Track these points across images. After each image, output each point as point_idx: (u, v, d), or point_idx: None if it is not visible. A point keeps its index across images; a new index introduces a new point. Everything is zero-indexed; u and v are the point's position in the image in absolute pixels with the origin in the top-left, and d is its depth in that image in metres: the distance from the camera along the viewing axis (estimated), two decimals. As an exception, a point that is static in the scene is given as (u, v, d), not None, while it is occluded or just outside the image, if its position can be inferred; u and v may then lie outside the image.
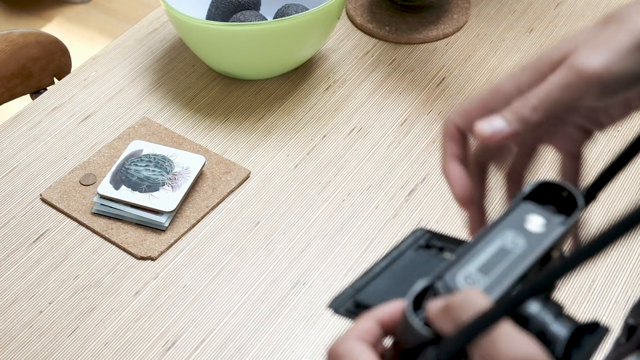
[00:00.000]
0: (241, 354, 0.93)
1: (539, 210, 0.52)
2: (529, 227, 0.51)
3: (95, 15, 2.78)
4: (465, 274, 0.48)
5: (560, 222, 0.52)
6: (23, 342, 0.94)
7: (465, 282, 0.48)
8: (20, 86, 1.33)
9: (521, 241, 0.50)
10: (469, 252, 0.50)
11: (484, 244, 0.50)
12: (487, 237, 0.51)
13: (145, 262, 1.02)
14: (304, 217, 1.06)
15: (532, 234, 0.51)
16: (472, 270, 0.49)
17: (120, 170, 1.08)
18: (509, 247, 0.50)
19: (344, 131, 1.17)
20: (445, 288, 0.48)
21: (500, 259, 0.49)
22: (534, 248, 0.50)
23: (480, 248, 0.50)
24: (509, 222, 0.52)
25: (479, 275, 0.48)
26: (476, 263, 0.49)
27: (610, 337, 0.93)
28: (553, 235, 0.51)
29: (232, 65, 1.21)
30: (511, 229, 0.51)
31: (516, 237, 0.51)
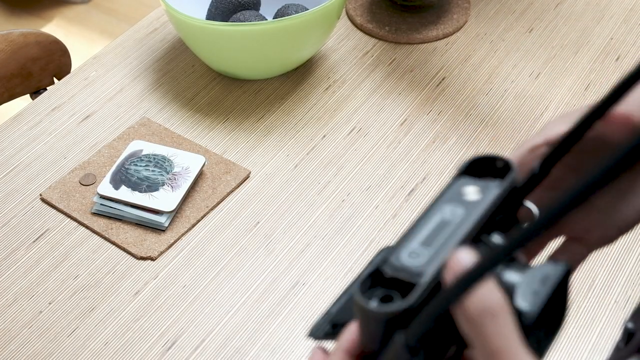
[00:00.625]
0: (241, 354, 0.93)
1: (475, 181, 0.54)
2: (466, 198, 0.53)
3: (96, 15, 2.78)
4: (409, 250, 0.49)
5: (496, 185, 0.53)
6: (23, 342, 0.94)
7: (410, 257, 0.49)
8: (20, 86, 1.33)
9: (459, 211, 0.52)
10: (411, 232, 0.51)
11: (424, 222, 0.51)
12: (427, 215, 0.52)
13: (145, 262, 1.02)
14: (304, 217, 1.06)
15: (469, 202, 0.52)
16: (414, 245, 0.50)
17: (120, 170, 1.08)
18: (449, 218, 0.51)
19: (344, 131, 1.17)
20: (391, 268, 0.49)
21: (440, 230, 0.50)
22: (471, 213, 0.51)
23: (420, 226, 0.51)
24: (447, 197, 0.53)
25: (421, 249, 0.49)
26: (418, 239, 0.50)
27: (610, 341, 0.93)
28: (489, 198, 0.52)
29: (232, 65, 1.21)
30: (449, 203, 0.52)
31: (455, 209, 0.52)
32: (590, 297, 0.96)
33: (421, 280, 0.48)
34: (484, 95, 1.22)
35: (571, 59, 1.28)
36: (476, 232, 0.51)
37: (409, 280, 0.48)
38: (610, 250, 1.01)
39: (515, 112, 1.19)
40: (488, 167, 0.55)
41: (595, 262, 1.00)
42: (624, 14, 1.35)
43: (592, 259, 1.00)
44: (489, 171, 0.55)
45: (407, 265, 0.49)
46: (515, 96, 1.22)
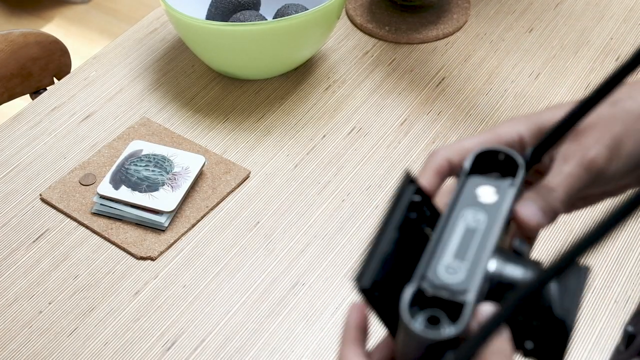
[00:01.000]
0: (241, 354, 0.93)
1: (486, 180, 0.54)
2: (483, 200, 0.53)
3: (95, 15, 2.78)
4: (445, 265, 0.49)
5: (509, 184, 0.54)
6: (23, 342, 0.94)
7: (447, 273, 0.49)
8: (20, 86, 1.33)
9: (482, 216, 0.52)
10: (439, 242, 0.51)
11: (449, 231, 0.51)
12: (450, 222, 0.52)
13: (145, 262, 1.02)
14: (304, 217, 1.06)
15: (488, 205, 0.52)
16: (449, 259, 0.49)
17: (120, 170, 1.08)
18: (473, 225, 0.51)
19: (344, 131, 1.17)
20: (432, 287, 0.48)
21: (469, 240, 0.50)
22: (495, 218, 0.51)
23: (447, 235, 0.51)
24: (463, 201, 0.53)
25: (457, 262, 0.49)
26: (450, 251, 0.50)
27: (610, 341, 0.93)
28: (508, 199, 0.53)
29: (232, 65, 1.21)
30: (468, 208, 0.52)
31: (476, 214, 0.52)
32: (590, 297, 0.96)
33: (467, 298, 0.47)
34: (483, 95, 1.22)
35: (571, 59, 1.28)
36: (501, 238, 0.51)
37: (453, 299, 0.48)
38: (610, 250, 1.01)
39: (515, 112, 1.19)
40: (490, 161, 0.55)
41: (595, 262, 1.00)
42: (623, 14, 1.35)
43: (592, 258, 1.00)
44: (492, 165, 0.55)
45: (448, 283, 0.48)
46: (515, 96, 1.22)
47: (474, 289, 0.48)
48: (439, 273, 0.49)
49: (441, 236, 0.51)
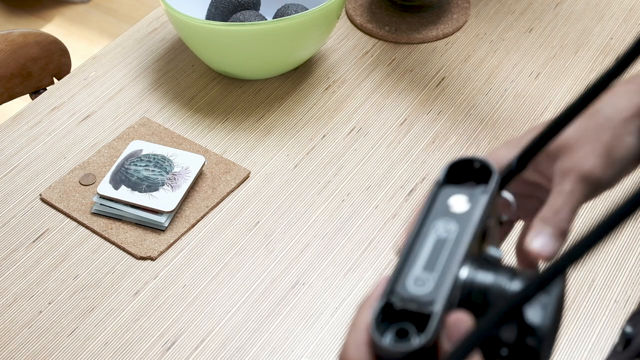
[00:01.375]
0: (241, 354, 0.93)
1: (459, 189, 0.53)
2: (454, 210, 0.52)
3: (95, 15, 2.78)
4: (414, 278, 0.49)
5: (482, 191, 0.53)
6: (23, 342, 0.94)
7: (416, 285, 0.48)
8: (19, 86, 1.33)
9: (453, 226, 0.51)
10: (409, 255, 0.50)
11: (420, 243, 0.51)
12: (421, 234, 0.51)
13: (144, 262, 1.02)
14: (304, 217, 1.06)
15: (459, 214, 0.52)
16: (418, 272, 0.49)
17: (120, 170, 1.08)
18: (444, 235, 0.51)
19: (344, 131, 1.17)
20: (400, 300, 0.48)
21: (439, 250, 0.50)
22: (466, 226, 0.51)
23: (418, 248, 0.50)
24: (435, 212, 0.52)
25: (426, 274, 0.49)
26: (419, 264, 0.49)
27: (610, 341, 0.93)
28: (480, 206, 0.52)
29: (232, 65, 1.21)
30: (439, 219, 0.52)
31: (447, 224, 0.51)
32: (590, 297, 0.96)
33: (434, 309, 0.47)
34: (483, 95, 1.22)
35: (571, 59, 1.28)
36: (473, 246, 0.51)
37: (421, 310, 0.47)
38: (610, 250, 1.01)
39: (515, 112, 1.19)
40: (466, 171, 0.55)
41: (595, 261, 1.00)
42: (623, 14, 1.35)
43: (592, 258, 1.00)
44: (468, 174, 0.55)
45: (416, 295, 0.48)
46: (515, 96, 1.22)
47: (442, 299, 0.47)
48: (407, 286, 0.48)
49: (411, 249, 0.50)
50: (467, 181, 0.55)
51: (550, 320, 0.48)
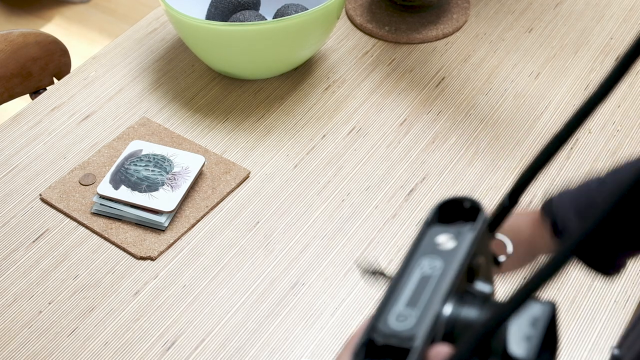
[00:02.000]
0: (241, 354, 0.93)
1: (447, 229, 0.53)
2: (441, 248, 0.52)
3: (95, 15, 2.78)
4: (396, 314, 0.49)
5: (469, 229, 0.53)
6: (23, 342, 0.94)
7: (398, 321, 0.48)
8: (19, 86, 1.33)
9: (438, 263, 0.51)
10: (393, 293, 0.50)
11: (404, 281, 0.50)
12: (406, 273, 0.51)
13: (144, 262, 1.02)
14: (304, 217, 1.06)
15: (445, 252, 0.51)
16: (400, 308, 0.49)
17: (120, 170, 1.08)
18: (428, 272, 0.50)
19: (344, 131, 1.17)
20: (382, 336, 0.48)
21: (423, 287, 0.50)
22: (451, 263, 0.51)
23: (402, 285, 0.50)
24: (422, 250, 0.52)
25: (408, 310, 0.49)
26: (403, 300, 0.49)
27: (610, 341, 0.93)
28: (465, 244, 0.52)
29: (232, 65, 1.21)
30: (425, 256, 0.51)
31: (432, 261, 0.51)
32: (590, 297, 0.96)
33: (414, 344, 0.47)
34: (483, 95, 1.22)
35: (571, 59, 1.28)
36: (459, 282, 0.50)
37: (401, 345, 0.47)
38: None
39: (515, 112, 1.19)
40: (456, 210, 0.55)
41: (595, 262, 1.00)
42: (623, 14, 1.35)
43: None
44: (458, 213, 0.55)
45: (397, 330, 0.48)
46: (515, 96, 1.22)
47: (422, 334, 0.47)
48: (389, 322, 0.48)
49: (396, 286, 0.50)
50: (457, 220, 0.55)
51: (534, 353, 0.48)
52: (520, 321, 0.48)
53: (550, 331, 0.50)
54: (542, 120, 1.18)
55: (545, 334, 0.49)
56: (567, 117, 0.54)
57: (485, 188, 1.09)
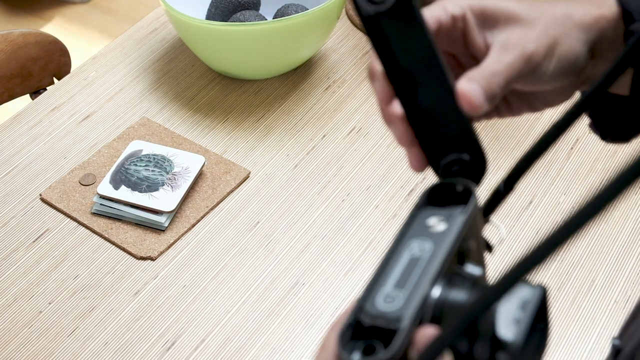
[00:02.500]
0: (241, 354, 0.93)
1: (438, 211, 0.53)
2: (432, 230, 0.52)
3: (95, 15, 2.78)
4: (384, 294, 0.48)
5: (460, 211, 0.53)
6: (23, 342, 0.94)
7: (385, 302, 0.48)
8: (19, 86, 1.33)
9: (427, 245, 0.51)
10: (382, 274, 0.50)
11: (393, 262, 0.50)
12: (395, 254, 0.51)
13: (144, 262, 1.02)
14: (304, 217, 1.06)
15: (436, 234, 0.51)
16: (388, 289, 0.49)
17: (120, 170, 1.08)
18: (418, 254, 0.50)
19: (344, 131, 1.17)
20: (369, 317, 0.48)
21: (412, 269, 0.49)
22: (441, 245, 0.50)
23: (391, 266, 0.50)
24: (412, 232, 0.52)
25: (396, 291, 0.48)
26: (391, 281, 0.49)
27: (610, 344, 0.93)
28: (456, 226, 0.52)
29: (232, 65, 1.21)
30: (415, 238, 0.51)
31: (422, 243, 0.51)
32: (590, 297, 0.96)
33: (401, 325, 0.47)
34: (483, 95, 1.22)
35: (571, 59, 1.27)
36: (448, 264, 0.50)
37: (388, 326, 0.47)
38: (610, 250, 1.01)
39: (515, 112, 1.19)
40: (449, 194, 0.54)
41: (595, 261, 1.00)
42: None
43: (592, 258, 1.00)
44: (450, 197, 0.54)
45: (384, 311, 0.47)
46: (515, 96, 1.22)
47: (410, 315, 0.47)
48: (376, 303, 0.48)
49: (385, 268, 0.50)
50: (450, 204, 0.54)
51: (523, 336, 0.47)
52: (509, 304, 0.48)
53: (541, 315, 0.50)
54: (542, 121, 1.18)
55: (535, 317, 0.48)
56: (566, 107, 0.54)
57: (485, 188, 1.09)
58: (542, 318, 0.50)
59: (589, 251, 1.01)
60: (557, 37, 0.57)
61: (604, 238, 1.02)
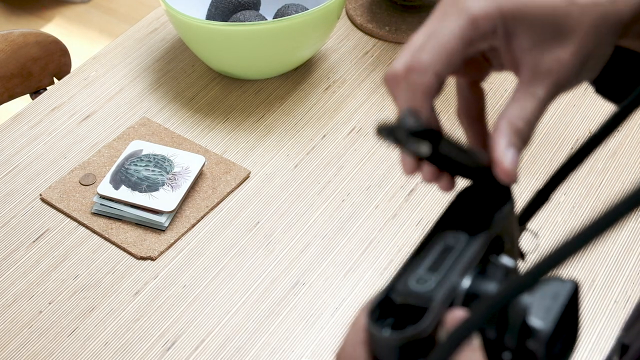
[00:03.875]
0: (241, 354, 0.93)
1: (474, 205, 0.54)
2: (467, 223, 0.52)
3: (95, 15, 2.78)
4: (416, 277, 0.49)
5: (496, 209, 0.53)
6: (23, 342, 0.94)
7: (417, 283, 0.49)
8: (20, 86, 1.33)
9: (462, 236, 0.51)
10: (415, 259, 0.51)
11: (427, 249, 0.51)
12: (430, 241, 0.52)
13: (145, 262, 1.02)
14: (304, 217, 1.06)
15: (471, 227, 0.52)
16: (421, 272, 0.49)
17: (120, 170, 1.08)
18: (452, 244, 0.51)
19: (344, 131, 1.17)
20: (400, 295, 0.48)
21: (445, 256, 0.50)
22: (475, 237, 0.51)
23: (425, 253, 0.51)
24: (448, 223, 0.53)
25: (428, 274, 0.49)
26: (424, 265, 0.50)
27: (610, 341, 0.93)
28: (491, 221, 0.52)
29: (232, 65, 1.21)
30: (451, 229, 0.52)
31: (457, 234, 0.52)
32: (590, 297, 0.96)
33: (432, 304, 0.47)
34: (484, 95, 1.22)
35: (571, 59, 1.27)
36: (482, 254, 0.51)
37: (419, 304, 0.48)
38: (610, 250, 1.01)
39: (515, 112, 1.19)
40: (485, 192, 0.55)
41: (595, 262, 1.00)
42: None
43: (592, 259, 1.00)
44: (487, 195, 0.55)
45: (416, 291, 0.48)
46: (515, 96, 1.22)
47: (441, 295, 0.48)
48: (409, 284, 0.49)
49: (418, 253, 0.51)
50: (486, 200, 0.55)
51: (552, 324, 0.48)
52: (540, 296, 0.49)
53: (572, 309, 0.50)
54: (542, 121, 1.17)
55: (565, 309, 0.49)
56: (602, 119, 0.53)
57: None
58: (573, 312, 0.51)
59: (589, 251, 1.01)
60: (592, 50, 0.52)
61: (604, 238, 1.02)
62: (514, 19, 0.51)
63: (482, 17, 0.50)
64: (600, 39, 0.51)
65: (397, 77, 0.52)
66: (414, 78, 0.52)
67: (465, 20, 0.50)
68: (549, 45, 0.51)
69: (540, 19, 0.50)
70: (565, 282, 0.50)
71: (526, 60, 0.52)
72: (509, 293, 0.44)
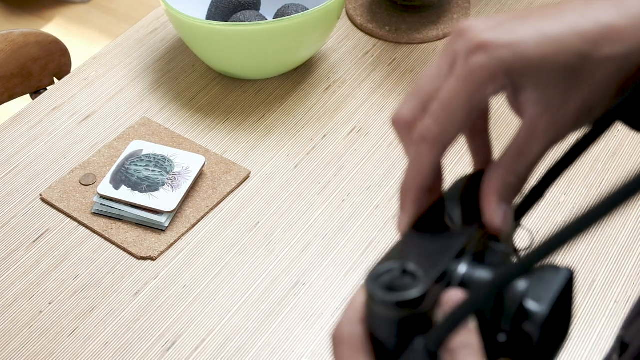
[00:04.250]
0: (241, 354, 0.93)
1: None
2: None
3: (95, 15, 2.79)
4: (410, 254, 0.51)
5: None
6: (23, 342, 0.94)
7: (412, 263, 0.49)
8: (20, 86, 1.33)
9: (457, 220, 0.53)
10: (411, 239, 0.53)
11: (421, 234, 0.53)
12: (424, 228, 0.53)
13: (145, 262, 1.02)
14: (304, 217, 1.06)
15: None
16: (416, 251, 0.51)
17: (120, 170, 1.08)
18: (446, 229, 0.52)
19: (344, 131, 1.17)
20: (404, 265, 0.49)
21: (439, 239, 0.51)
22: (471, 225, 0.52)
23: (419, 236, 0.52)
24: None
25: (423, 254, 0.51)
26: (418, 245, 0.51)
27: (610, 341, 0.93)
28: None
29: (232, 65, 1.21)
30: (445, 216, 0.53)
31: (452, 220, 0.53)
32: (590, 297, 0.96)
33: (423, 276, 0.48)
34: (484, 95, 1.22)
35: (571, 59, 1.27)
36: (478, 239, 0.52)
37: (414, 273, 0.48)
38: (610, 250, 1.01)
39: (516, 112, 1.19)
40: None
41: (595, 262, 1.00)
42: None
43: (592, 259, 1.00)
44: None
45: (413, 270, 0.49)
46: (515, 96, 1.22)
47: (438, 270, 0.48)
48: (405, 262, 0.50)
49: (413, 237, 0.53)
50: None
51: (548, 308, 0.48)
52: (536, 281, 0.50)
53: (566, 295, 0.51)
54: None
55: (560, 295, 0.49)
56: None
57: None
58: (567, 299, 0.51)
59: (589, 251, 1.01)
60: (597, 103, 0.51)
61: (604, 238, 1.02)
62: (521, 75, 0.51)
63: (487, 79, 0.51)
64: (607, 93, 0.51)
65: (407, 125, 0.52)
66: (423, 151, 0.52)
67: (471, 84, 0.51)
68: (553, 102, 0.51)
69: (548, 77, 0.50)
70: (561, 269, 0.50)
71: (528, 114, 0.52)
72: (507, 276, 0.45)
